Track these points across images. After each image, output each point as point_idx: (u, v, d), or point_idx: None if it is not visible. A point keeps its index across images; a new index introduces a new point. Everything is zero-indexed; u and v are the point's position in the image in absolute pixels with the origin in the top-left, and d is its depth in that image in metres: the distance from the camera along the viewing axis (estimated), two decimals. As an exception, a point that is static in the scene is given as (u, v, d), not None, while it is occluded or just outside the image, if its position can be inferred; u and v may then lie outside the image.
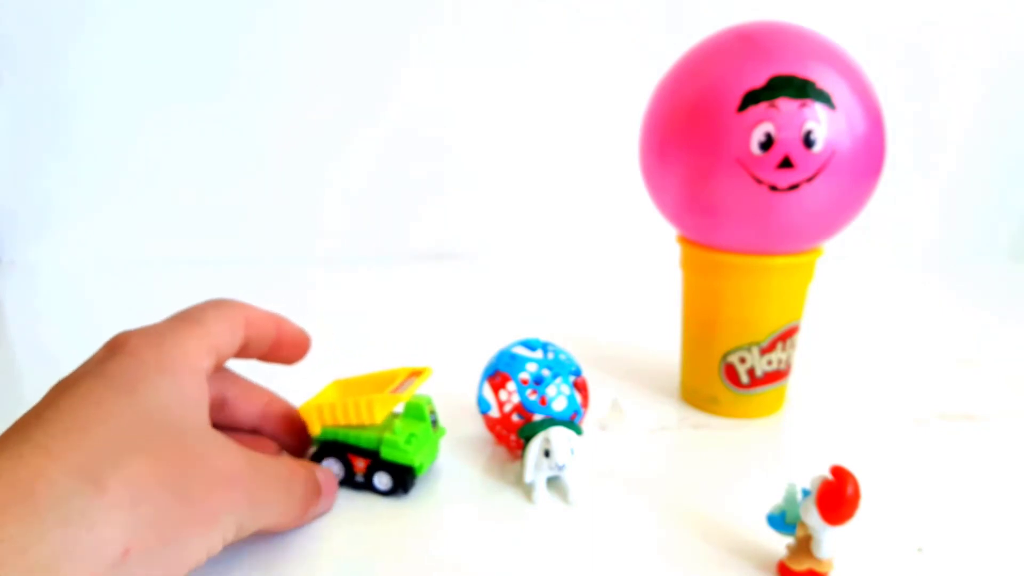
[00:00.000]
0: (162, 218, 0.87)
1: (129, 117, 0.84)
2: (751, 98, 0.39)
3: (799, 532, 0.31)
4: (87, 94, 0.83)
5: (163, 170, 0.86)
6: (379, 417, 0.38)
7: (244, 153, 0.86)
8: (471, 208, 0.89)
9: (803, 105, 0.39)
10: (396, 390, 0.38)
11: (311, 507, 0.34)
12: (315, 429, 0.38)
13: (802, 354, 0.49)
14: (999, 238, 0.94)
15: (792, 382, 0.49)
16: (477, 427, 0.46)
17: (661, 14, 0.83)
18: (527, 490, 0.39)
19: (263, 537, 0.34)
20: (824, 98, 0.39)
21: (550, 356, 0.43)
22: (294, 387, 0.42)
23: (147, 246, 0.86)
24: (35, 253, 0.86)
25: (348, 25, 0.83)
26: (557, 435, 0.38)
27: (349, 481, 0.39)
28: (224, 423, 0.37)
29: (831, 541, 0.30)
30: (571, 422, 0.40)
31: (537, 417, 0.40)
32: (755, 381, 0.47)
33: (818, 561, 0.31)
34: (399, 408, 0.40)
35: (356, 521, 0.37)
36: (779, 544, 0.36)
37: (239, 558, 0.33)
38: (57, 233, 0.87)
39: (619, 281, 0.82)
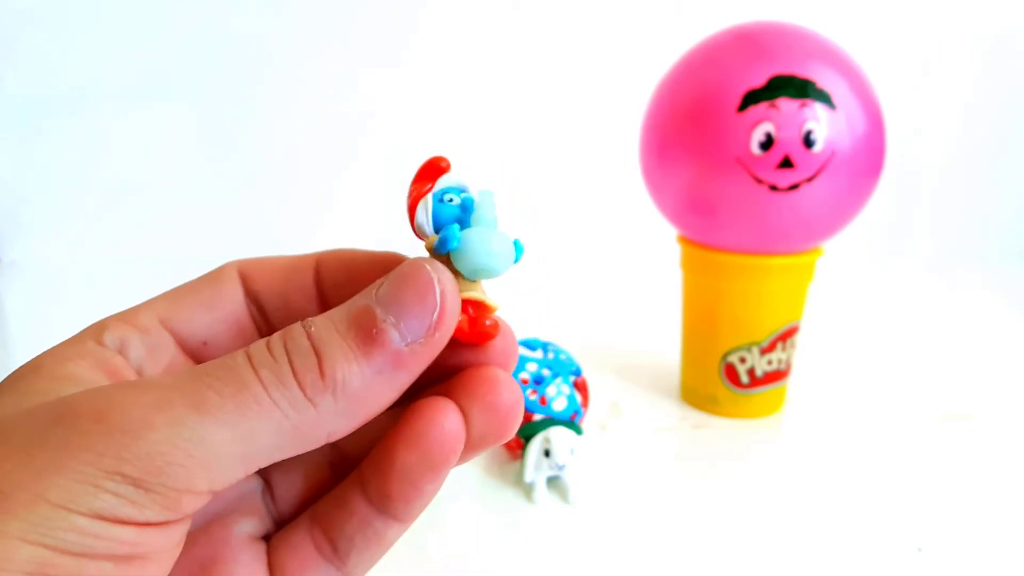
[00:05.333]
0: (163, 218, 0.87)
1: (129, 118, 0.84)
2: (751, 98, 0.39)
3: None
4: (88, 94, 0.83)
5: (164, 170, 0.86)
6: None
7: (246, 153, 0.86)
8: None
9: (803, 105, 0.39)
10: None
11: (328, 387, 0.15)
12: None
13: (802, 354, 0.49)
14: (999, 238, 0.94)
15: (792, 382, 0.49)
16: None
17: (661, 14, 0.83)
18: (527, 490, 0.39)
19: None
20: (824, 98, 0.39)
21: (550, 356, 0.43)
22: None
23: (148, 246, 0.86)
24: (35, 253, 0.86)
25: (344, 24, 0.83)
26: (557, 435, 0.38)
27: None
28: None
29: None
30: (571, 422, 0.40)
31: (537, 417, 0.40)
32: (755, 381, 0.47)
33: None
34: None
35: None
36: (781, 545, 0.36)
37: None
38: (57, 233, 0.87)
39: (619, 281, 0.82)
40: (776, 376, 0.47)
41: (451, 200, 0.17)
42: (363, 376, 0.16)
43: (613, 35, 0.84)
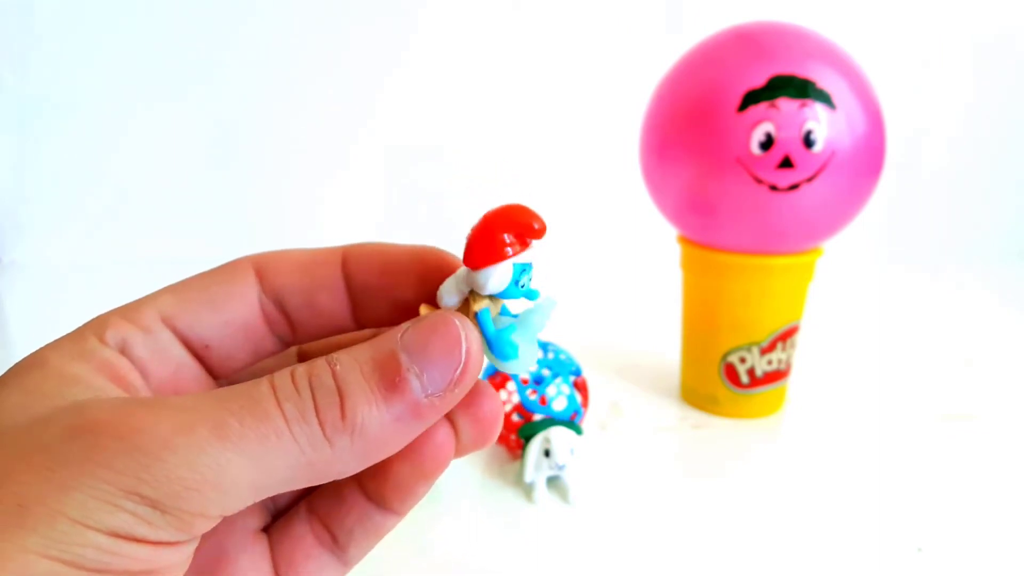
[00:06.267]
0: (163, 218, 0.87)
1: (130, 118, 0.84)
2: (751, 98, 0.39)
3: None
4: (88, 94, 0.83)
5: (165, 170, 0.86)
6: None
7: (247, 153, 0.86)
8: (471, 210, 0.89)
9: (803, 105, 0.39)
10: None
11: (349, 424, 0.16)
12: None
13: (802, 354, 0.49)
14: (999, 238, 0.94)
15: (792, 382, 0.49)
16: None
17: (661, 14, 0.83)
18: (527, 490, 0.39)
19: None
20: (824, 98, 0.39)
21: (550, 356, 0.43)
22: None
23: (148, 246, 0.86)
24: (35, 253, 0.86)
25: (345, 24, 0.83)
26: (557, 435, 0.38)
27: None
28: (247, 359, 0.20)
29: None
30: (571, 422, 0.40)
31: (537, 417, 0.40)
32: (755, 381, 0.47)
33: None
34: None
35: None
36: (781, 545, 0.36)
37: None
38: (57, 233, 0.87)
39: (619, 281, 0.82)
40: (776, 376, 0.47)
41: (523, 285, 0.17)
42: (381, 422, 0.16)
43: (614, 35, 0.84)
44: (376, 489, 0.18)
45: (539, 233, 0.17)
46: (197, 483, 0.14)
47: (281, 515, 0.20)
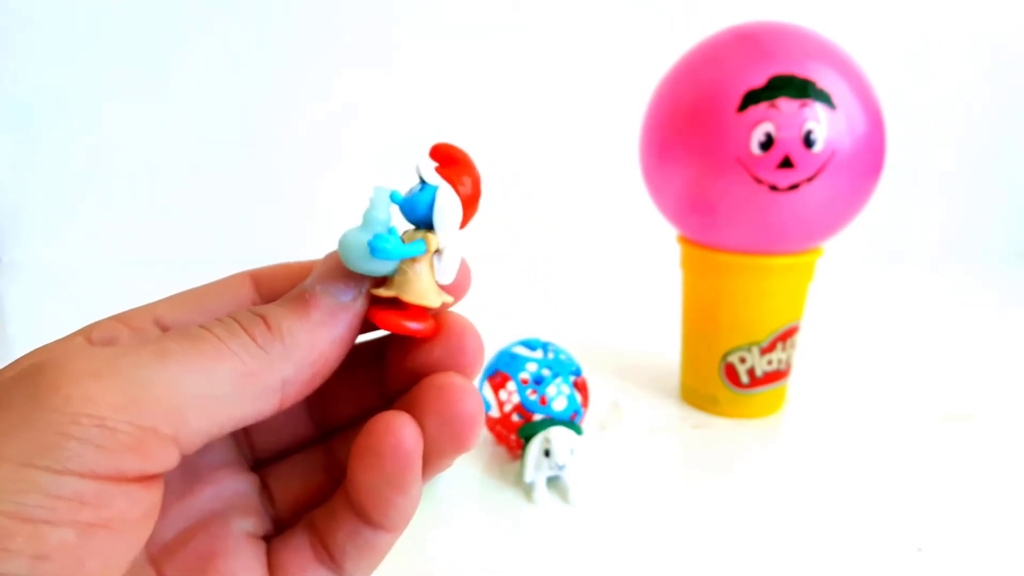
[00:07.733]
0: (163, 219, 0.87)
1: (130, 118, 0.84)
2: (751, 98, 0.39)
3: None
4: (87, 94, 0.83)
5: (164, 171, 0.86)
6: None
7: (247, 154, 0.86)
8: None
9: (803, 105, 0.39)
10: None
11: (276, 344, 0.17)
12: None
13: (802, 354, 0.49)
14: (999, 238, 0.94)
15: (792, 382, 0.49)
16: (477, 427, 0.46)
17: (661, 14, 0.83)
18: (527, 490, 0.39)
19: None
20: (824, 98, 0.39)
21: (550, 356, 0.43)
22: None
23: (147, 246, 0.86)
24: (35, 253, 0.86)
25: (341, 23, 0.83)
26: (557, 435, 0.38)
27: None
28: None
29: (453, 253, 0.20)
30: (571, 422, 0.40)
31: (537, 417, 0.40)
32: (755, 381, 0.47)
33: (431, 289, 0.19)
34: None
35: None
36: (781, 545, 0.36)
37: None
38: (57, 233, 0.87)
39: (619, 281, 0.82)
40: (776, 376, 0.47)
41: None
42: (307, 328, 0.17)
43: (614, 35, 0.84)
44: (356, 502, 0.18)
45: (434, 157, 0.20)
46: (142, 395, 0.14)
47: (285, 526, 0.20)
